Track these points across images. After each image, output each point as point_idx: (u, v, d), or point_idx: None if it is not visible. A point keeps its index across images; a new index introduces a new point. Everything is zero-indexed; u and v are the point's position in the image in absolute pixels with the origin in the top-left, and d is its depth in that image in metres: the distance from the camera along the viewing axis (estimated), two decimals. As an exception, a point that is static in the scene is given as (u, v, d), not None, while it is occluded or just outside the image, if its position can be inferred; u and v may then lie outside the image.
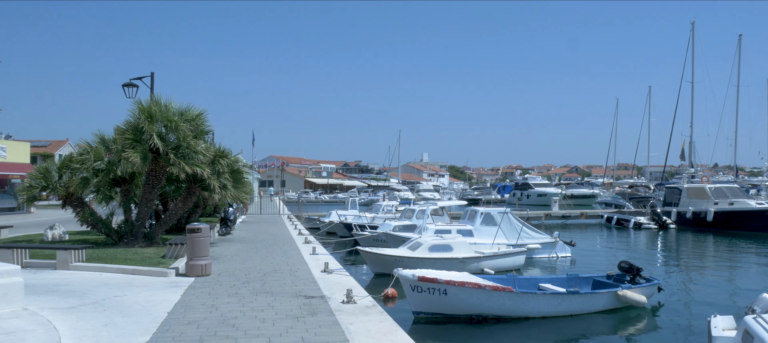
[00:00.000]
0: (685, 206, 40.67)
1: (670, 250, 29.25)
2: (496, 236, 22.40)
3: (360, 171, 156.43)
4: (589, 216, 47.69)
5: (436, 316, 13.50)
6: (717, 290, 18.26)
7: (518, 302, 13.51)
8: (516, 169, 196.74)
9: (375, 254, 19.43)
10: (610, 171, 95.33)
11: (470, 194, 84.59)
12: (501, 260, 20.42)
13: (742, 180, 67.74)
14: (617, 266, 16.10)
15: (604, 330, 13.29)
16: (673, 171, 74.66)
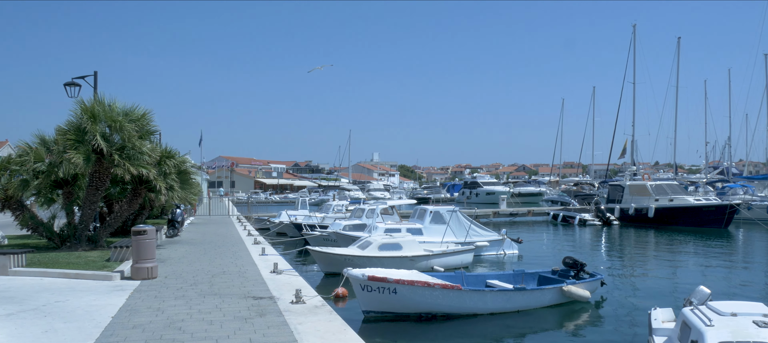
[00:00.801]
0: (628, 202, 41.79)
1: (613, 245, 30.04)
2: (445, 234, 22.64)
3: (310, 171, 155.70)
4: (536, 214, 48.56)
5: (385, 315, 13.58)
6: (657, 284, 18.85)
7: (466, 300, 13.70)
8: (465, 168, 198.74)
9: (325, 254, 19.42)
10: (557, 169, 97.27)
11: (420, 192, 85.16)
12: (450, 258, 20.66)
13: (681, 177, 69.90)
14: (562, 261, 16.49)
15: (549, 325, 13.58)
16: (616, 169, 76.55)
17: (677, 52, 61.75)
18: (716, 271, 21.49)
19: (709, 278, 19.62)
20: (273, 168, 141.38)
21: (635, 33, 55.00)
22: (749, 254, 26.50)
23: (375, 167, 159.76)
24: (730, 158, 77.84)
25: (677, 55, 61.92)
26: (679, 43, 61.89)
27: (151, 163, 17.35)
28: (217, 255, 17.45)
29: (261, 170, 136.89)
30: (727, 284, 18.74)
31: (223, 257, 16.88)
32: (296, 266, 18.45)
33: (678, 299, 14.67)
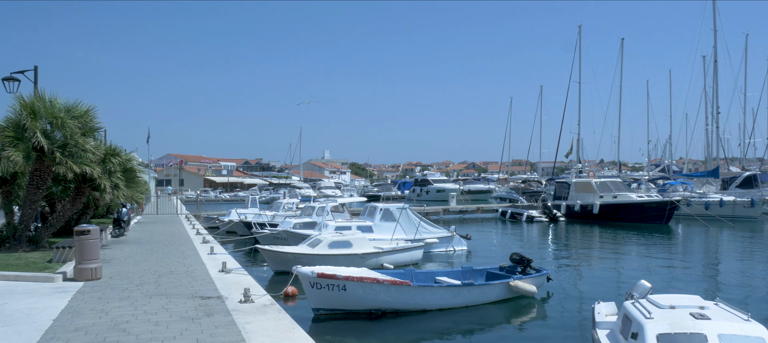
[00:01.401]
0: (574, 199, 42.70)
1: (559, 241, 30.68)
2: (394, 231, 22.77)
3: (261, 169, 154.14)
4: (485, 210, 49.20)
5: (335, 312, 13.58)
6: (602, 278, 19.34)
7: (415, 296, 13.81)
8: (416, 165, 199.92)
9: (274, 252, 19.30)
10: (506, 167, 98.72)
11: (371, 190, 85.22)
12: (400, 255, 20.78)
13: (625, 175, 71.80)
14: (509, 258, 16.79)
15: (497, 320, 13.80)
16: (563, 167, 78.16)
17: (621, 53, 63.49)
18: (657, 265, 22.17)
19: (650, 272, 20.21)
20: (223, 166, 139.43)
21: (581, 34, 56.36)
22: (688, 249, 27.42)
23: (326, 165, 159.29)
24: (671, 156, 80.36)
25: (621, 55, 63.65)
26: (622, 45, 63.64)
27: (96, 161, 16.94)
28: (164, 255, 17.17)
29: (211, 168, 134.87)
30: (667, 278, 19.35)
31: (170, 257, 16.62)
32: (246, 265, 18.29)
33: (621, 292, 15.08)
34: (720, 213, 40.97)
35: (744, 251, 26.04)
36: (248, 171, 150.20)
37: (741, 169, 60.73)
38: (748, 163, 67.90)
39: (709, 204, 42.47)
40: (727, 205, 42.26)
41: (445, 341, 12.26)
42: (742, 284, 18.22)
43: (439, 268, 19.50)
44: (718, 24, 50.93)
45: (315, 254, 18.71)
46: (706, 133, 53.99)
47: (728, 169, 59.20)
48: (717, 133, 51.95)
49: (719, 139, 53.01)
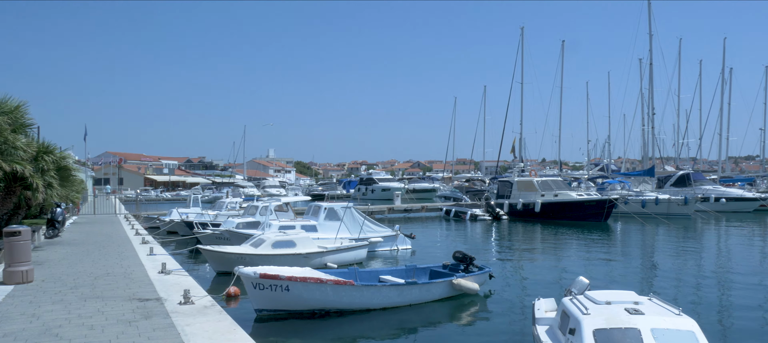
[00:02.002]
0: (516, 198, 43.41)
1: (502, 239, 31.12)
2: (339, 230, 22.70)
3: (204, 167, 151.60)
4: (430, 209, 49.54)
5: (278, 313, 13.45)
6: (543, 275, 19.70)
7: (359, 295, 13.79)
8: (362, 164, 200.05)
9: (216, 253, 18.97)
10: (450, 166, 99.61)
11: (316, 189, 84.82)
12: (344, 255, 20.72)
13: (565, 174, 73.43)
14: (452, 256, 16.94)
15: (440, 318, 13.90)
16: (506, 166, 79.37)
17: (561, 55, 65.03)
18: (596, 262, 22.72)
19: (589, 269, 20.71)
20: (164, 164, 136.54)
21: (523, 35, 57.37)
22: (626, 246, 28.19)
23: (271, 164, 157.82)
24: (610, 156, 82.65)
25: (561, 57, 65.21)
26: (563, 47, 65.18)
27: (27, 159, 16.30)
28: (101, 256, 16.68)
29: (151, 167, 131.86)
30: (605, 274, 19.85)
31: (107, 258, 16.16)
32: (187, 266, 17.93)
33: (561, 289, 15.36)
34: (656, 211, 42.32)
35: (678, 247, 26.94)
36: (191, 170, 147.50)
37: (675, 168, 62.91)
38: (682, 162, 70.41)
39: (646, 202, 43.84)
40: (663, 203, 43.69)
41: (389, 339, 12.27)
42: (676, 279, 18.83)
43: (384, 267, 19.52)
44: (653, 28, 52.61)
45: (258, 254, 18.48)
46: (643, 134, 55.70)
47: (663, 169, 61.17)
48: (652, 133, 53.65)
49: (655, 139, 54.76)
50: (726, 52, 68.08)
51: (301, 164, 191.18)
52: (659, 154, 61.41)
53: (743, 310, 14.55)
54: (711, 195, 47.11)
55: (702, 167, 74.64)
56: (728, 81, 69.02)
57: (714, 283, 18.09)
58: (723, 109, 68.97)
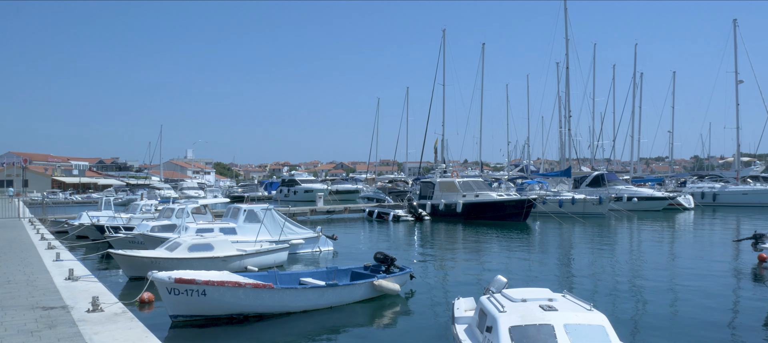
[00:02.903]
0: (438, 199, 43.93)
1: (425, 240, 31.37)
2: (259, 233, 22.31)
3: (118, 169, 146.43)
4: (353, 210, 49.50)
5: (195, 318, 13.06)
6: (464, 274, 19.95)
7: (279, 298, 13.57)
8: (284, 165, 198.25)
9: (129, 257, 18.24)
10: (373, 167, 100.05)
11: (236, 191, 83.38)
12: (264, 257, 20.37)
13: (486, 174, 74.98)
14: (373, 257, 16.93)
15: (361, 319, 13.83)
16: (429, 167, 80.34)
17: (482, 57, 66.43)
18: (515, 260, 23.20)
19: (509, 267, 21.12)
20: (74, 165, 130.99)
21: (445, 37, 58.20)
22: (544, 244, 28.94)
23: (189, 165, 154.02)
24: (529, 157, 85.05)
25: (482, 60, 66.57)
26: (483, 49, 66.57)
27: None
28: (1, 263, 15.74)
29: (60, 168, 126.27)
30: (524, 272, 20.29)
31: (8, 265, 15.27)
32: (97, 272, 17.20)
33: (481, 288, 15.58)
34: (572, 210, 43.73)
35: (593, 245, 27.86)
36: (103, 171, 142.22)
37: (591, 168, 65.25)
38: (597, 163, 73.19)
39: (563, 202, 45.22)
40: (579, 202, 45.18)
41: (309, 342, 12.11)
42: (590, 276, 19.44)
43: (305, 269, 19.32)
44: (569, 33, 54.30)
45: (173, 258, 17.90)
46: (560, 136, 57.47)
47: (580, 169, 63.27)
48: (569, 135, 55.43)
49: (571, 141, 56.62)
50: (637, 57, 71.04)
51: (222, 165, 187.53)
52: (576, 156, 63.59)
53: (652, 304, 15.16)
54: (624, 195, 49.06)
55: (615, 168, 77.83)
56: (639, 85, 72.28)
57: (626, 279, 18.77)
58: (634, 113, 72.19)
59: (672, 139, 74.92)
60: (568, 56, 54.23)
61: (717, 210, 50.47)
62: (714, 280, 18.31)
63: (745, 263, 21.23)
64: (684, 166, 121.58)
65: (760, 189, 54.88)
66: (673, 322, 13.54)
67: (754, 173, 73.00)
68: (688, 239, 30.91)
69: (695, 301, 15.52)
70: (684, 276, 19.13)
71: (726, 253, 24.34)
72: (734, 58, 58.30)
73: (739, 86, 58.48)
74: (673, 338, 12.22)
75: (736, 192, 55.43)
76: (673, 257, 24.04)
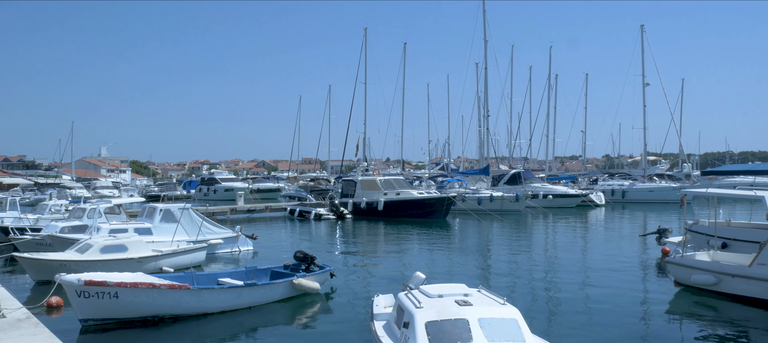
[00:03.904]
0: (360, 197, 44.01)
1: (346, 238, 31.37)
2: (176, 233, 21.76)
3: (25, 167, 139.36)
4: (274, 209, 48.97)
5: (106, 322, 12.61)
6: (384, 272, 20.07)
7: (195, 299, 13.29)
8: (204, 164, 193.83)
9: (35, 260, 17.38)
10: (295, 165, 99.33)
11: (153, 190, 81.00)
12: (181, 258, 19.88)
13: (408, 173, 75.75)
14: (293, 256, 16.82)
15: (280, 318, 13.72)
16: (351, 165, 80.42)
17: (403, 57, 66.98)
18: (436, 257, 23.53)
19: (429, 264, 21.40)
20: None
21: (367, 36, 58.25)
22: (463, 241, 29.47)
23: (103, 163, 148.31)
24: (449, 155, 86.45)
25: (403, 59, 67.15)
26: (405, 49, 67.15)
27: None
28: None
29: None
30: (444, 268, 20.62)
31: None
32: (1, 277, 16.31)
33: (401, 285, 15.72)
34: (490, 207, 44.72)
35: (510, 241, 28.60)
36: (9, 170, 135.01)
37: (508, 167, 66.91)
38: (515, 161, 75.13)
39: (481, 199, 46.17)
40: (497, 200, 46.23)
41: (227, 343, 11.92)
42: (507, 271, 19.96)
43: (223, 269, 18.98)
44: (488, 34, 55.47)
45: (84, 261, 17.21)
46: (479, 134, 58.66)
47: (498, 168, 64.77)
48: (488, 134, 56.66)
49: (490, 140, 57.88)
50: (552, 59, 73.44)
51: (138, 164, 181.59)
52: (494, 154, 65.05)
53: (565, 297, 15.72)
54: (539, 192, 50.52)
55: (532, 166, 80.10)
56: (554, 87, 74.63)
57: (541, 274, 19.38)
58: (550, 113, 74.50)
59: (585, 138, 77.86)
60: (486, 57, 55.44)
61: (626, 206, 52.77)
62: (622, 272, 19.16)
63: (650, 256, 22.29)
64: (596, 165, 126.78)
65: (664, 186, 57.66)
66: (584, 313, 14.09)
67: (659, 171, 76.81)
68: (599, 234, 32.19)
69: (605, 293, 16.20)
70: (595, 270, 19.93)
71: (633, 247, 25.48)
72: (641, 62, 60.98)
73: (645, 89, 61.20)
74: (584, 329, 12.72)
75: (643, 189, 58.04)
76: (585, 251, 24.98)
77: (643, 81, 61.06)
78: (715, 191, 19.02)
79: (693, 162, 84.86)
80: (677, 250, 17.34)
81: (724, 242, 18.31)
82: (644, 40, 60.73)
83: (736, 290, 14.63)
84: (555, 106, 74.60)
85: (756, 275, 14.12)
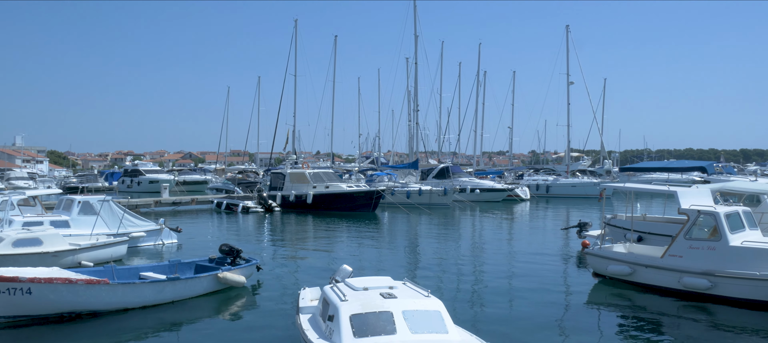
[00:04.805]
0: (289, 190, 43.64)
1: (275, 231, 31.07)
2: (95, 225, 21.01)
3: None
4: (200, 202, 47.98)
5: (18, 319, 12.08)
6: (313, 265, 20.01)
7: (115, 294, 12.88)
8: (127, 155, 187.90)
9: None
10: (223, 157, 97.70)
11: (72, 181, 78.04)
12: (100, 251, 19.21)
13: (338, 166, 75.70)
14: (219, 249, 16.54)
15: (205, 313, 13.48)
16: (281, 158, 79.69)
17: (334, 50, 66.92)
18: (364, 250, 23.61)
19: (357, 257, 21.46)
20: None
21: (297, 28, 57.82)
22: (392, 234, 29.67)
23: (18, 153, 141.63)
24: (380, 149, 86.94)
25: (334, 52, 67.09)
26: (336, 42, 67.07)
27: None
28: None
29: None
30: (372, 261, 20.74)
31: None
32: None
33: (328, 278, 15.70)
34: (419, 201, 45.14)
35: (438, 234, 28.98)
36: None
37: (437, 161, 67.69)
38: (443, 156, 76.16)
39: (410, 193, 46.56)
40: (425, 194, 46.72)
41: (149, 339, 11.60)
42: (434, 264, 20.23)
43: (145, 263, 18.46)
44: (418, 29, 55.86)
45: None
46: (409, 129, 59.10)
47: (427, 162, 65.42)
48: (417, 129, 57.13)
49: (419, 134, 58.40)
50: (481, 56, 74.59)
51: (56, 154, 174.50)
52: (424, 149, 65.74)
53: (490, 289, 16.10)
54: (467, 186, 51.33)
55: (460, 161, 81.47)
56: (483, 83, 75.98)
57: (467, 266, 19.73)
58: (478, 109, 75.82)
59: (512, 135, 79.68)
60: (417, 52, 55.81)
61: (550, 201, 54.29)
62: (545, 265, 19.74)
63: (572, 249, 23.04)
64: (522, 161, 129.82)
65: (586, 182, 59.63)
66: (507, 304, 14.46)
67: (582, 167, 79.49)
68: (523, 227, 33.04)
69: (528, 284, 16.66)
70: (519, 262, 20.45)
71: (556, 240, 26.27)
72: (566, 61, 62.85)
73: (570, 88, 63.12)
74: (506, 319, 13.05)
75: (566, 184, 59.87)
76: (510, 244, 25.58)
77: (567, 80, 62.97)
78: (631, 186, 19.82)
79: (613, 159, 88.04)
80: (596, 242, 17.96)
81: (639, 236, 19.08)
82: (569, 41, 62.66)
83: (649, 280, 15.27)
84: (483, 102, 76.03)
85: (667, 265, 14.79)
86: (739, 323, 12.51)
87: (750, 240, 14.10)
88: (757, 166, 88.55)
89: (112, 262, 18.11)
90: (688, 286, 14.26)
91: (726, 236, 13.94)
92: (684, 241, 14.63)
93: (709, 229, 14.61)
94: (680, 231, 14.91)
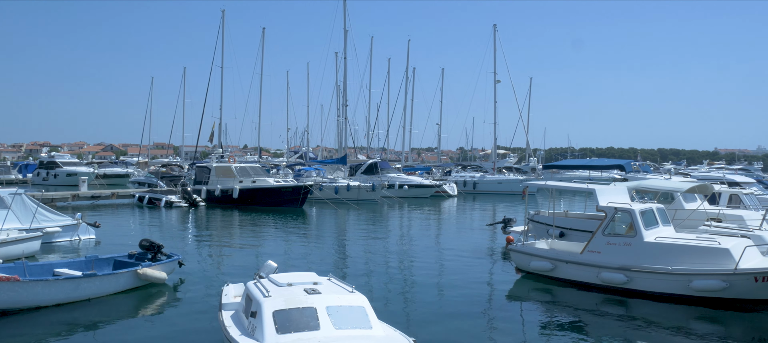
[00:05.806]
0: (214, 184, 42.77)
1: (199, 226, 30.40)
2: (5, 220, 20.00)
3: None
4: (121, 196, 46.45)
5: None
6: (238, 260, 19.68)
7: (26, 292, 12.30)
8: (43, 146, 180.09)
9: None
10: (146, 150, 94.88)
11: (-19, 174, 74.18)
12: (10, 247, 18.28)
13: (265, 160, 74.71)
14: (139, 244, 16.04)
15: (123, 311, 13.05)
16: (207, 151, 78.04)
17: (262, 42, 66.22)
18: (290, 245, 23.39)
19: (284, 253, 21.23)
20: None
21: (224, 18, 56.63)
22: (319, 229, 29.53)
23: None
24: (308, 144, 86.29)
25: (262, 44, 66.36)
26: (263, 34, 66.53)
27: None
28: None
29: None
30: (299, 257, 20.54)
31: None
32: None
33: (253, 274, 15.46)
34: (347, 197, 45.05)
35: (365, 230, 29.02)
36: None
37: (366, 157, 67.80)
38: (372, 152, 76.33)
39: (338, 189, 46.41)
40: (353, 189, 46.67)
41: (63, 338, 11.12)
42: (361, 260, 20.24)
43: (60, 259, 17.72)
44: (348, 24, 55.71)
45: None
46: (338, 124, 58.97)
47: (356, 157, 65.44)
48: (346, 124, 57.05)
49: (348, 129, 58.32)
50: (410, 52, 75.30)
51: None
52: (352, 144, 65.72)
53: (416, 284, 16.23)
54: (396, 182, 51.59)
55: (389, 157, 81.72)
56: (412, 79, 76.55)
57: (394, 262, 19.84)
58: (407, 105, 76.31)
59: (440, 131, 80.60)
60: (346, 47, 55.63)
61: (477, 197, 55.25)
62: (470, 260, 20.04)
63: (497, 245, 23.47)
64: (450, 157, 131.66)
65: (512, 179, 60.95)
66: (432, 299, 14.60)
67: (508, 164, 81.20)
68: (450, 223, 33.49)
69: (453, 279, 16.90)
70: (445, 258, 20.71)
71: (482, 236, 26.72)
72: (493, 60, 63.91)
73: (497, 86, 64.26)
74: (431, 314, 13.17)
75: (493, 181, 61.01)
76: (436, 240, 25.87)
77: (494, 78, 64.02)
78: (553, 183, 20.37)
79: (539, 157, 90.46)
80: (520, 239, 18.36)
81: (561, 232, 19.65)
82: (497, 39, 63.72)
83: (569, 276, 15.73)
84: (412, 98, 76.57)
85: (586, 261, 15.27)
86: (653, 316, 13.03)
87: (663, 236, 14.71)
88: (672, 165, 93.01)
89: (23, 258, 17.28)
90: (606, 281, 14.77)
91: (641, 232, 14.50)
92: (602, 237, 15.14)
93: (626, 225, 15.17)
94: (598, 228, 15.42)
